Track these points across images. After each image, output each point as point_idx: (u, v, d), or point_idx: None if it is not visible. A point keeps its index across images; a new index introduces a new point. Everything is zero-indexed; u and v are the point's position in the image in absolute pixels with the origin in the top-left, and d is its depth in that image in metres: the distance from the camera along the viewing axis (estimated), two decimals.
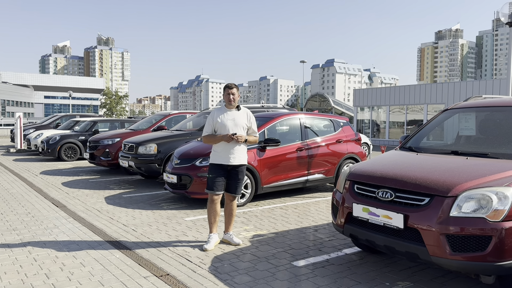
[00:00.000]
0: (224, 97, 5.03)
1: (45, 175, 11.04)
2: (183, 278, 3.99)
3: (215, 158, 4.97)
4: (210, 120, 5.00)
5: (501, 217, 3.18)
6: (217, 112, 5.02)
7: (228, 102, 4.98)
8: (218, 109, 5.08)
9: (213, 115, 5.00)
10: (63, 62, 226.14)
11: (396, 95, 26.91)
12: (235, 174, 4.99)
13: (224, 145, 4.90)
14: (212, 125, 4.98)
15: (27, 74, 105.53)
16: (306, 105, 50.57)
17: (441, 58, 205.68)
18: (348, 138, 8.76)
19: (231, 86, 4.99)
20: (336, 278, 3.99)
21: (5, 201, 7.54)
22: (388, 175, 3.83)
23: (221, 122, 4.91)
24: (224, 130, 4.89)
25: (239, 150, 4.94)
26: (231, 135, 4.82)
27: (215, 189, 4.90)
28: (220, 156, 4.93)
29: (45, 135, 16.18)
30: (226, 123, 4.90)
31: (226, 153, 4.90)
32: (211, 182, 4.91)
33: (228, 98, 4.97)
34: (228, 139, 4.83)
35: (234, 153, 4.91)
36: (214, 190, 4.90)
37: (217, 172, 4.92)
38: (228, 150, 4.89)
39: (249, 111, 5.15)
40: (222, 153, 4.92)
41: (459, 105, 5.03)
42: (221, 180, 4.92)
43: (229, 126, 4.89)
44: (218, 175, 4.91)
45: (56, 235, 5.42)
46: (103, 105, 69.30)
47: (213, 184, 4.90)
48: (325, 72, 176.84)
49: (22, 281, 3.88)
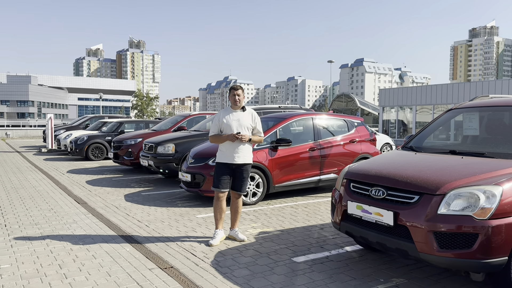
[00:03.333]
0: (229, 98, 5.21)
1: (72, 173, 11.54)
2: (186, 270, 4.20)
3: (221, 157, 5.17)
4: (216, 120, 5.20)
5: (488, 215, 3.23)
6: (223, 113, 5.22)
7: (234, 103, 5.17)
8: (224, 110, 5.28)
9: (219, 116, 5.20)
10: (96, 65, 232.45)
11: (423, 94, 26.46)
12: (240, 173, 5.16)
13: (229, 144, 5.08)
14: (218, 125, 5.18)
15: (62, 77, 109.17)
16: (331, 105, 50.27)
17: (475, 56, 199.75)
18: (363, 138, 8.79)
19: (237, 87, 5.19)
20: (332, 274, 4.11)
21: (31, 198, 7.97)
22: (381, 174, 3.92)
23: (226, 123, 5.10)
24: (229, 130, 5.07)
25: (244, 149, 5.11)
26: (235, 134, 5.00)
27: (221, 186, 5.09)
28: (225, 155, 5.12)
29: (74, 135, 16.82)
30: (231, 123, 5.08)
31: (231, 152, 5.08)
32: (217, 180, 5.11)
33: (234, 99, 5.15)
34: (233, 138, 5.01)
35: (239, 152, 5.08)
36: (220, 188, 5.09)
37: (223, 170, 5.11)
38: (233, 150, 5.08)
39: (254, 112, 5.32)
40: (227, 152, 5.11)
41: (463, 105, 5.04)
42: (227, 178, 5.11)
43: (234, 126, 5.07)
44: (224, 173, 5.10)
45: (73, 230, 5.74)
46: (134, 107, 70.91)
47: (219, 182, 5.09)
48: (354, 72, 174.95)
49: (37, 271, 4.18)
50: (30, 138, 33.76)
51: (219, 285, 3.83)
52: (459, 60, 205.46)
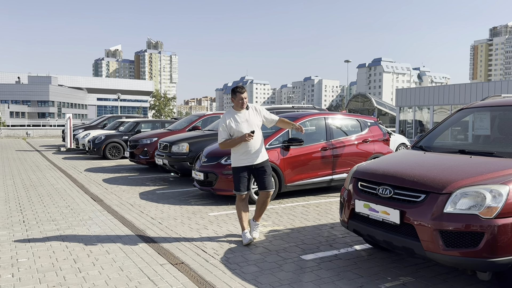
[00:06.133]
0: (235, 101, 5.08)
1: (89, 172, 11.79)
2: (196, 266, 4.29)
3: (238, 161, 5.11)
4: (224, 126, 5.05)
5: (494, 214, 3.23)
6: (228, 117, 5.07)
7: (241, 106, 5.07)
8: (228, 113, 5.13)
9: (225, 121, 5.05)
10: (115, 66, 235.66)
11: (440, 94, 26.14)
12: (262, 171, 5.16)
13: (245, 147, 5.02)
14: (226, 130, 5.06)
15: (81, 77, 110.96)
16: (348, 105, 49.97)
17: (496, 55, 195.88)
18: (376, 138, 8.77)
19: (243, 91, 5.08)
20: (339, 272, 4.15)
21: (49, 195, 8.19)
22: (389, 173, 3.95)
23: (236, 128, 4.99)
24: (241, 133, 4.99)
25: (259, 148, 5.10)
26: (250, 133, 4.92)
27: (242, 189, 5.11)
28: (242, 158, 5.07)
29: (92, 135, 17.14)
30: (242, 126, 5.00)
31: (249, 154, 5.05)
32: (237, 183, 5.11)
33: (242, 103, 5.04)
34: (247, 139, 4.91)
35: (256, 152, 5.08)
36: (241, 191, 5.11)
37: (242, 173, 5.10)
38: (249, 151, 5.03)
39: (255, 104, 5.29)
40: (243, 155, 5.06)
41: (475, 105, 5.02)
42: (246, 180, 5.12)
43: (245, 128, 5.00)
44: (243, 176, 5.10)
45: (89, 226, 5.90)
46: (152, 107, 71.72)
47: (240, 186, 5.10)
48: (372, 72, 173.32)
49: (52, 265, 4.32)
50: (50, 137, 34.48)
51: (228, 281, 3.91)
52: (479, 60, 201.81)
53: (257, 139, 5.10)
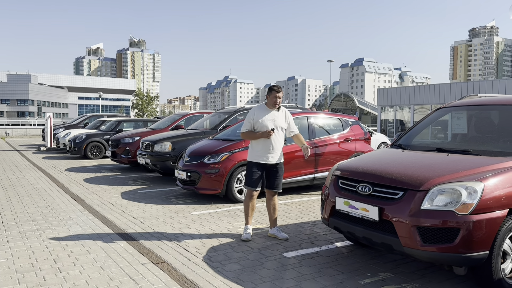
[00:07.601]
0: (270, 98, 5.16)
1: (70, 171, 11.64)
2: (178, 265, 4.30)
3: (254, 157, 5.17)
4: (250, 118, 5.17)
5: (469, 210, 3.32)
6: (258, 111, 5.18)
7: (273, 105, 5.15)
8: (259, 107, 5.24)
9: (254, 114, 5.16)
10: (97, 64, 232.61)
11: (421, 94, 26.57)
12: (275, 172, 5.20)
13: (263, 144, 5.08)
14: (252, 123, 5.15)
15: (62, 76, 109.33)
16: (330, 105, 50.37)
17: (475, 56, 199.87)
18: (357, 136, 8.88)
19: (279, 90, 5.17)
20: (320, 268, 4.21)
21: (29, 195, 8.07)
22: (368, 171, 4.02)
23: (262, 122, 5.08)
24: (264, 129, 5.07)
25: (277, 148, 5.15)
26: (270, 131, 4.99)
27: (254, 185, 5.14)
28: (258, 154, 5.12)
29: (73, 134, 16.91)
30: (267, 123, 5.08)
31: (265, 152, 5.10)
32: (250, 179, 5.15)
33: (275, 101, 5.12)
34: (268, 135, 4.99)
35: (273, 152, 5.12)
36: (254, 187, 5.15)
37: (256, 169, 5.14)
38: (267, 149, 5.09)
39: (287, 111, 5.36)
40: (261, 152, 5.11)
41: (452, 104, 5.13)
42: (259, 176, 5.15)
43: (270, 126, 5.08)
44: (257, 172, 5.13)
45: (69, 226, 5.84)
46: (135, 106, 70.97)
47: (252, 181, 5.13)
48: (354, 72, 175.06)
49: (32, 265, 4.27)
50: (30, 136, 33.90)
51: (210, 279, 3.93)
52: (459, 60, 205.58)
53: (277, 140, 5.16)
